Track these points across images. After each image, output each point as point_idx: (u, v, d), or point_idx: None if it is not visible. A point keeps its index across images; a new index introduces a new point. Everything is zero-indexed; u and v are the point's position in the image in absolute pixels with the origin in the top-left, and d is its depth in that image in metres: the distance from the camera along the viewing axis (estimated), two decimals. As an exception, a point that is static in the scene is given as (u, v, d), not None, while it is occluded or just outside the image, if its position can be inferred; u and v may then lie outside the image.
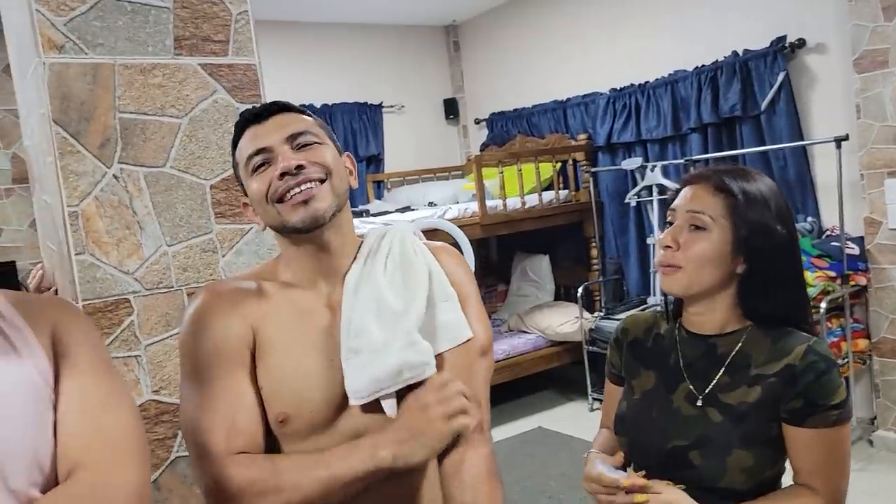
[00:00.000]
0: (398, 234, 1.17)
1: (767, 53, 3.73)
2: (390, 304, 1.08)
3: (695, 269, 1.16)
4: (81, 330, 0.93)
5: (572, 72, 4.97)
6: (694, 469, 1.15)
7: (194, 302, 1.08)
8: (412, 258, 1.14)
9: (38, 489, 0.81)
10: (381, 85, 5.49)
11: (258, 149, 1.06)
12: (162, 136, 1.53)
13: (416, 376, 1.05)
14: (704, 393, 1.18)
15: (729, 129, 4.02)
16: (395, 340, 1.05)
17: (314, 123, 1.11)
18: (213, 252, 1.59)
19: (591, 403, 4.54)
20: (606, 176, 4.77)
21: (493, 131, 5.62)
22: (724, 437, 1.14)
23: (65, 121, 1.43)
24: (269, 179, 1.05)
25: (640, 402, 1.26)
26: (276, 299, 1.10)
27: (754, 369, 1.15)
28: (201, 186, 1.58)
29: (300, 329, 1.09)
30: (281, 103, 1.11)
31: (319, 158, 1.06)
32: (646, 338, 1.31)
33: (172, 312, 1.55)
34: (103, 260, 1.47)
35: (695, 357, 1.22)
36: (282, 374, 1.06)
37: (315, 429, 1.07)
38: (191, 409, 1.04)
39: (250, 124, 1.09)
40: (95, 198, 1.47)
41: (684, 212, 1.18)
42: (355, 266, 1.12)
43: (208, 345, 1.05)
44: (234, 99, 1.62)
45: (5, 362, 0.83)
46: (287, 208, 1.05)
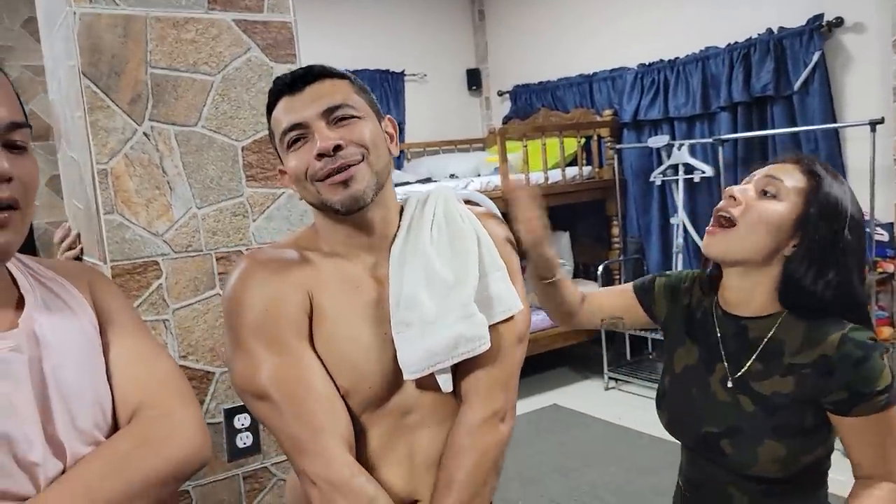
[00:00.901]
0: (441, 198, 1.13)
1: (803, 32, 3.62)
2: (441, 273, 1.03)
3: (748, 227, 1.10)
4: (115, 292, 0.97)
5: (600, 45, 4.86)
6: (725, 456, 1.13)
7: (238, 271, 1.02)
8: (460, 224, 1.09)
9: (102, 433, 0.85)
10: (403, 53, 5.40)
11: (293, 124, 1.00)
12: (194, 94, 1.48)
13: (472, 350, 1.01)
14: (735, 377, 1.14)
15: (760, 109, 3.93)
16: (450, 312, 1.01)
17: (352, 91, 1.04)
18: (244, 216, 1.55)
19: (607, 382, 4.52)
20: (631, 153, 4.69)
21: (517, 104, 5.53)
22: (755, 427, 1.10)
23: (95, 74, 1.38)
24: (306, 158, 1.00)
25: (681, 379, 1.23)
26: (323, 268, 1.05)
27: (788, 357, 1.11)
28: (233, 148, 1.53)
29: (350, 299, 1.04)
30: (317, 69, 1.03)
31: (357, 136, 1.00)
32: (697, 307, 1.26)
33: (201, 277, 1.51)
34: (132, 220, 1.43)
35: (731, 338, 1.17)
36: (338, 345, 1.02)
37: (368, 405, 1.04)
38: (246, 383, 1.00)
39: (285, 93, 1.02)
40: (125, 155, 1.42)
41: (762, 175, 1.13)
42: (399, 234, 1.08)
43: (265, 312, 0.99)
44: (269, 58, 1.56)
45: (62, 316, 0.87)
46: (326, 188, 1.00)
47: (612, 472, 3.36)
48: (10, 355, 0.79)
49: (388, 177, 1.07)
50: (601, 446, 3.66)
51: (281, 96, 1.02)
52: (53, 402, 0.81)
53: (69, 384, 0.83)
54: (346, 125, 1.00)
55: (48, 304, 0.86)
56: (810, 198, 1.10)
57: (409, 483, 1.06)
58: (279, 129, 1.02)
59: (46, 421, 0.80)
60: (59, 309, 0.87)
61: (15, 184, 0.78)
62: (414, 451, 1.06)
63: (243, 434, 1.57)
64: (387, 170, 1.06)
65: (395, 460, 1.05)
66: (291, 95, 1.01)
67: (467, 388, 1.05)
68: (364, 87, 1.07)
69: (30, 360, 0.80)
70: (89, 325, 0.89)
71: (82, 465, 0.80)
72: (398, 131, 1.11)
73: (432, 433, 1.07)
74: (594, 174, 4.77)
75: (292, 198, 1.60)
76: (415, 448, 1.07)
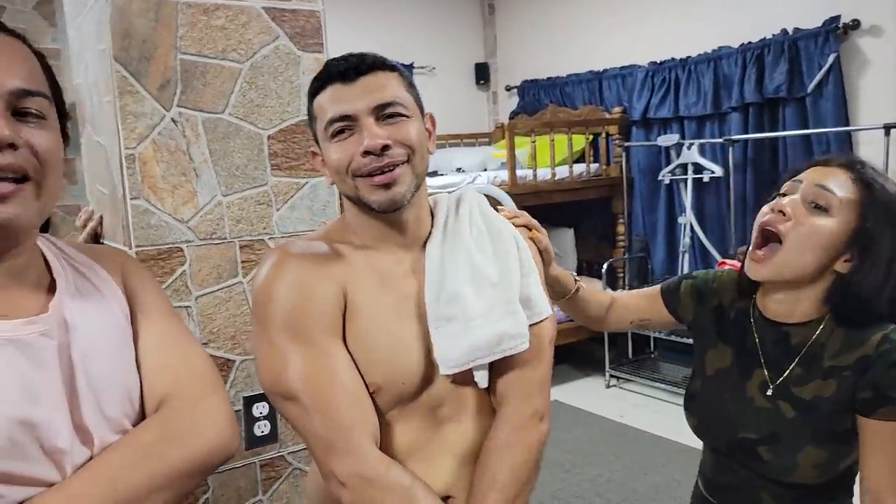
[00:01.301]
0: (475, 200, 1.13)
1: (819, 33, 3.62)
2: (484, 271, 1.03)
3: (798, 246, 1.05)
4: (147, 277, 0.96)
5: (610, 42, 4.85)
6: (763, 463, 1.11)
7: (269, 263, 1.00)
8: (499, 226, 1.10)
9: (129, 420, 0.84)
10: (413, 45, 5.38)
11: (342, 115, 0.98)
12: (222, 81, 1.47)
13: (513, 348, 1.02)
14: (776, 383, 1.12)
15: (771, 110, 3.93)
16: (495, 309, 1.01)
17: (402, 87, 1.02)
18: (268, 205, 1.54)
19: (608, 380, 4.53)
20: (639, 151, 4.69)
21: (524, 99, 5.52)
22: (796, 434, 1.08)
23: (125, 59, 1.37)
24: (351, 152, 0.98)
25: (713, 383, 1.21)
26: (356, 261, 1.04)
27: (828, 361, 1.08)
28: (259, 136, 1.52)
29: (384, 294, 1.03)
30: (371, 59, 1.01)
31: (404, 136, 0.98)
32: (730, 308, 1.23)
33: (224, 265, 1.51)
34: (158, 206, 1.43)
35: (771, 343, 1.15)
36: (374, 341, 1.01)
37: (401, 399, 1.03)
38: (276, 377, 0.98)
39: (335, 80, 0.99)
40: (153, 141, 1.41)
41: (812, 185, 1.06)
42: (435, 233, 1.07)
43: (295, 308, 0.98)
44: (296, 46, 1.55)
45: (92, 302, 0.85)
46: (366, 186, 0.99)
47: (613, 470, 3.37)
48: (39, 340, 0.77)
49: (425, 175, 1.06)
50: (602, 444, 3.67)
51: (331, 82, 0.99)
52: (81, 388, 0.79)
53: (98, 371, 0.81)
54: (394, 123, 0.98)
55: (80, 290, 0.85)
56: (865, 211, 1.04)
57: (442, 479, 1.05)
58: (324, 117, 1.00)
59: (74, 408, 0.78)
60: (90, 294, 0.86)
61: (24, 153, 0.75)
62: (445, 447, 1.06)
63: (261, 422, 1.57)
64: (425, 172, 1.05)
65: (427, 456, 1.05)
66: (343, 84, 0.98)
67: (508, 386, 1.06)
68: (412, 82, 1.06)
69: (59, 346, 0.79)
70: (119, 312, 0.88)
71: (107, 453, 0.79)
72: (435, 126, 1.10)
73: (464, 428, 1.07)
74: (601, 171, 4.76)
75: (316, 187, 1.60)
76: (446, 443, 1.06)
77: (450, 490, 1.06)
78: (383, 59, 1.02)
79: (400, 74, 1.03)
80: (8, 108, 0.75)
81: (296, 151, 1.57)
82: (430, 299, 1.01)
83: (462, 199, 1.12)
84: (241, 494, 1.56)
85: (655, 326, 1.38)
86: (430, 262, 1.04)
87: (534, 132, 4.41)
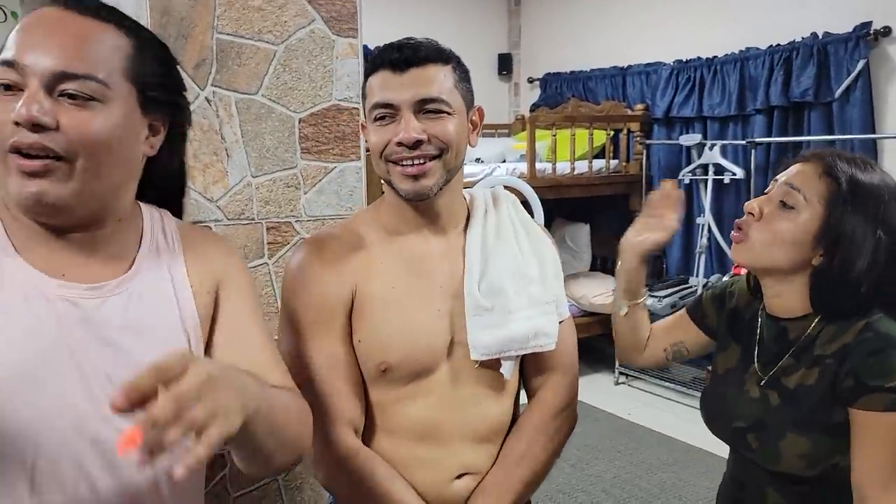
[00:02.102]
0: (510, 199, 1.18)
1: (849, 39, 3.57)
2: (525, 269, 1.09)
3: (763, 244, 1.09)
4: (241, 268, 0.98)
5: (636, 38, 4.81)
6: (753, 452, 1.12)
7: (298, 254, 1.09)
8: (537, 230, 1.17)
9: None
10: (436, 33, 5.31)
11: (385, 103, 1.02)
12: (257, 62, 1.48)
13: (543, 346, 1.09)
14: (769, 375, 1.14)
15: (797, 114, 3.89)
16: (532, 306, 1.07)
17: (452, 82, 1.04)
18: (296, 188, 1.55)
19: (617, 377, 4.53)
20: (660, 150, 4.66)
21: (546, 92, 5.49)
22: (778, 420, 1.09)
23: (163, 36, 1.37)
24: (387, 138, 1.02)
25: (721, 380, 1.23)
26: (381, 249, 1.10)
27: (817, 350, 1.09)
28: (290, 119, 1.53)
29: (406, 278, 1.09)
30: (424, 52, 1.03)
31: (441, 133, 1.02)
32: (745, 310, 1.25)
33: (251, 245, 1.52)
34: (189, 185, 1.43)
35: (770, 339, 1.17)
36: (387, 326, 1.07)
37: (415, 376, 1.08)
38: (288, 361, 1.04)
39: (386, 67, 1.02)
40: (186, 119, 1.42)
41: (782, 184, 1.11)
42: (475, 222, 1.11)
43: (306, 302, 1.07)
44: (331, 31, 1.55)
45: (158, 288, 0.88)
46: (396, 173, 1.04)
47: (620, 467, 3.38)
48: (91, 304, 0.81)
49: (461, 169, 1.10)
50: (609, 440, 3.68)
51: (383, 68, 1.03)
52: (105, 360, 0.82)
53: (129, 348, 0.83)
54: (434, 119, 1.02)
55: (154, 272, 0.88)
56: (831, 207, 1.05)
57: (458, 457, 1.10)
58: (371, 99, 1.04)
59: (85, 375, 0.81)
60: (160, 282, 0.88)
61: (54, 134, 0.76)
62: (463, 427, 1.11)
63: (279, 404, 1.58)
64: (459, 166, 1.08)
65: (444, 434, 1.10)
66: (392, 73, 1.02)
67: (547, 375, 1.14)
68: (465, 75, 1.08)
69: (105, 316, 0.82)
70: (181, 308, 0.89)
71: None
72: (482, 119, 1.13)
73: (483, 410, 1.11)
74: (621, 168, 4.74)
75: (344, 172, 1.60)
76: (464, 423, 1.11)
77: (465, 468, 1.11)
78: (439, 51, 1.05)
79: (454, 68, 1.06)
80: (44, 88, 0.76)
81: (326, 136, 1.57)
82: (469, 287, 1.06)
83: (499, 197, 1.17)
84: (258, 473, 1.58)
85: (691, 351, 1.34)
86: (471, 251, 1.08)
87: (555, 126, 4.39)
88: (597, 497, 3.11)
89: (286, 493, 1.61)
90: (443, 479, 1.09)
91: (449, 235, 1.11)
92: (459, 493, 1.10)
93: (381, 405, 1.10)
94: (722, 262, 4.34)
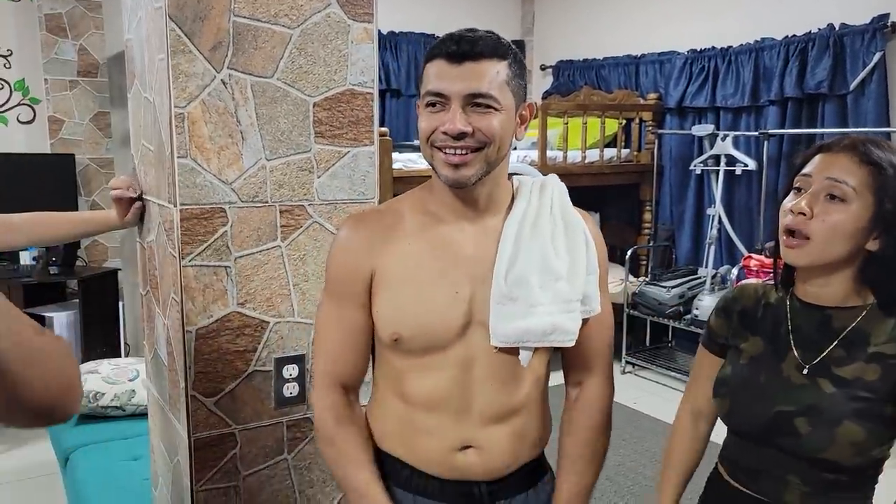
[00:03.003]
0: (557, 189, 1.20)
1: (866, 31, 3.55)
2: (553, 264, 1.12)
3: (825, 240, 1.10)
4: None
5: (650, 27, 4.78)
6: (798, 437, 1.12)
7: (340, 231, 1.20)
8: (574, 221, 1.17)
9: None
10: (449, 18, 5.34)
11: (437, 92, 1.06)
12: (273, 45, 1.48)
13: (562, 342, 1.13)
14: (813, 363, 1.15)
15: (810, 106, 3.87)
16: (556, 303, 1.11)
17: (506, 78, 1.06)
18: (309, 172, 1.56)
19: (624, 366, 4.54)
20: (672, 139, 4.65)
21: (559, 80, 5.48)
22: (836, 408, 1.10)
23: (180, 18, 1.39)
24: (435, 125, 1.07)
25: (747, 367, 1.22)
26: (414, 230, 1.15)
27: (873, 347, 1.11)
28: (305, 103, 1.53)
29: (430, 260, 1.13)
30: (481, 46, 1.05)
31: (486, 127, 1.06)
32: (756, 307, 1.26)
33: (264, 228, 1.53)
34: (204, 166, 1.45)
35: (807, 327, 1.17)
36: (401, 302, 1.13)
37: (427, 350, 1.13)
38: (317, 327, 1.22)
39: (444, 57, 1.05)
40: (202, 101, 1.43)
41: (822, 179, 1.11)
42: (515, 212, 1.14)
43: (333, 273, 1.19)
44: (346, 15, 1.56)
45: None
46: (439, 159, 1.09)
47: (624, 455, 3.40)
48: None
49: (503, 159, 1.13)
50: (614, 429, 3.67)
51: (441, 57, 1.06)
52: None
53: None
54: (482, 113, 1.06)
55: None
56: (880, 194, 1.08)
57: (463, 432, 1.15)
58: (426, 85, 1.08)
59: None
60: None
61: None
62: (471, 403, 1.15)
63: (290, 384, 1.60)
64: (501, 159, 1.11)
65: (453, 408, 1.15)
66: (448, 63, 1.05)
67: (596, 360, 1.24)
68: (521, 71, 1.10)
69: None
70: None
71: None
72: (532, 115, 1.15)
73: (493, 389, 1.15)
74: (632, 157, 4.73)
75: (357, 157, 1.61)
76: (473, 400, 1.15)
77: (471, 442, 1.15)
78: (496, 46, 1.07)
79: (510, 63, 1.07)
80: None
81: (340, 120, 1.58)
82: (497, 277, 1.10)
83: (545, 185, 1.19)
84: (268, 452, 1.60)
85: None
86: (505, 242, 1.12)
87: (567, 114, 4.38)
88: (601, 484, 3.12)
89: (295, 472, 1.63)
90: (447, 449, 1.15)
91: (487, 222, 1.15)
92: (461, 464, 1.15)
93: (396, 372, 1.17)
94: (731, 254, 4.33)
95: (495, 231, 1.14)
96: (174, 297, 1.51)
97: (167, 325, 1.60)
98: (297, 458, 1.64)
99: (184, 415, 1.52)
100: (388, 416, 1.21)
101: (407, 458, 1.19)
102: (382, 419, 1.22)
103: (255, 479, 1.59)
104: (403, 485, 1.19)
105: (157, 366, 1.74)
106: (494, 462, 1.17)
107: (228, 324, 1.52)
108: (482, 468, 1.16)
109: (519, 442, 1.18)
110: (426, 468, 1.17)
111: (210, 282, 1.49)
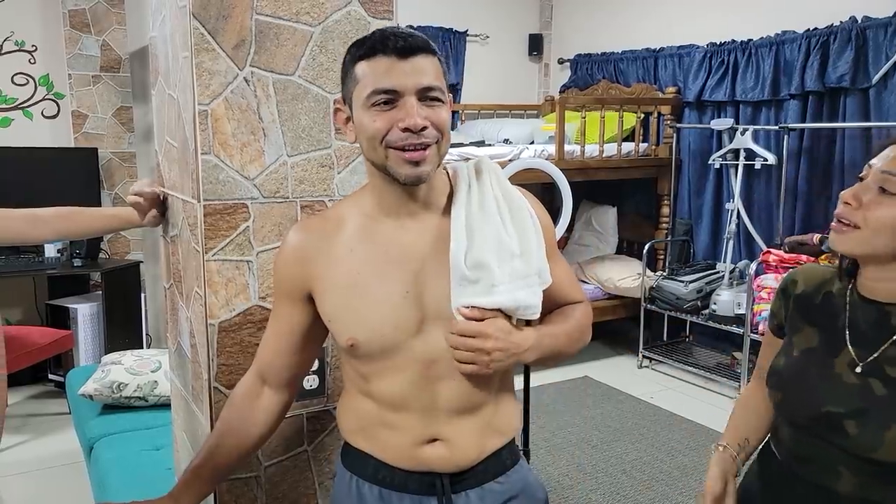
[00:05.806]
0: (494, 170, 1.20)
1: (889, 23, 3.51)
2: (507, 243, 1.13)
3: (871, 233, 1.09)
4: None
5: (669, 20, 4.75)
6: (847, 437, 1.11)
7: (285, 238, 1.22)
8: (517, 199, 1.18)
9: None
10: (468, 12, 5.34)
11: (390, 89, 1.04)
12: (294, 43, 1.50)
13: (526, 315, 1.15)
14: (867, 361, 1.13)
15: (832, 100, 3.83)
16: (514, 279, 1.12)
17: (440, 72, 1.09)
18: (330, 168, 1.58)
19: (641, 360, 4.54)
20: (690, 133, 4.62)
21: (577, 73, 5.46)
22: (886, 411, 1.09)
23: (204, 16, 1.41)
24: (390, 123, 1.04)
25: (799, 360, 1.22)
26: (355, 235, 1.16)
27: None
28: (326, 100, 1.55)
29: (375, 264, 1.14)
30: (421, 42, 1.06)
31: (438, 120, 1.06)
32: (815, 293, 1.25)
33: (285, 223, 1.55)
34: (227, 163, 1.47)
35: (865, 323, 1.16)
36: (349, 307, 1.15)
37: (386, 352, 1.14)
38: None
39: (388, 53, 1.04)
40: (225, 99, 1.45)
41: (878, 171, 1.10)
42: (458, 198, 1.14)
43: (276, 276, 1.26)
44: (367, 13, 1.57)
45: None
46: (397, 159, 1.06)
47: (640, 449, 3.41)
48: None
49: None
50: (630, 422, 3.70)
51: (385, 54, 1.04)
52: None
53: None
54: (432, 106, 1.06)
55: None
56: None
57: (429, 427, 1.17)
58: (369, 85, 1.05)
59: None
60: None
61: None
62: (436, 400, 1.16)
63: (310, 377, 1.63)
64: (447, 150, 1.13)
65: (418, 406, 1.16)
66: (397, 59, 1.03)
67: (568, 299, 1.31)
68: (446, 68, 1.12)
69: None
70: None
71: None
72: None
73: (455, 384, 1.16)
74: (650, 151, 4.71)
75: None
76: (437, 397, 1.16)
77: (437, 436, 1.17)
78: (429, 43, 1.09)
79: (440, 60, 1.10)
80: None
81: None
82: (456, 262, 1.10)
83: (481, 170, 1.19)
84: (288, 444, 1.63)
85: None
86: (457, 227, 1.11)
87: (584, 108, 4.37)
88: (617, 478, 3.14)
89: (315, 463, 1.66)
90: (413, 443, 1.16)
91: (431, 217, 1.15)
92: (429, 457, 1.17)
93: (359, 374, 1.19)
94: (750, 248, 4.31)
95: (438, 223, 1.15)
96: (197, 291, 1.54)
97: (190, 318, 1.63)
98: (316, 450, 1.67)
99: (207, 406, 1.55)
100: (355, 413, 1.23)
101: (373, 451, 1.21)
102: (350, 416, 1.24)
103: (276, 469, 1.62)
104: (369, 478, 1.22)
105: (180, 358, 1.78)
106: (461, 453, 1.18)
107: (250, 317, 1.55)
108: (449, 460, 1.17)
109: (487, 433, 1.20)
110: (392, 461, 1.19)
111: (232, 276, 1.52)
